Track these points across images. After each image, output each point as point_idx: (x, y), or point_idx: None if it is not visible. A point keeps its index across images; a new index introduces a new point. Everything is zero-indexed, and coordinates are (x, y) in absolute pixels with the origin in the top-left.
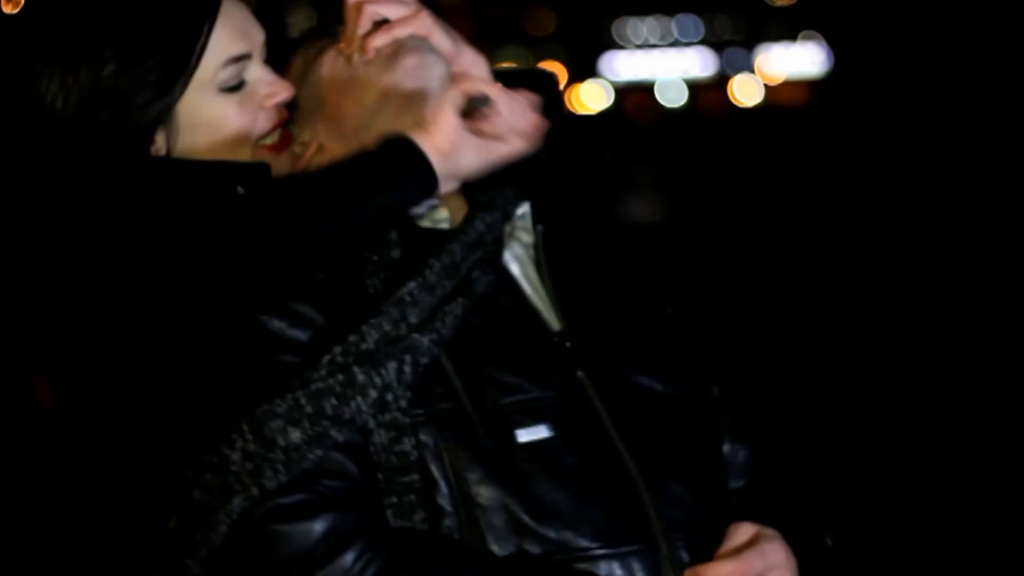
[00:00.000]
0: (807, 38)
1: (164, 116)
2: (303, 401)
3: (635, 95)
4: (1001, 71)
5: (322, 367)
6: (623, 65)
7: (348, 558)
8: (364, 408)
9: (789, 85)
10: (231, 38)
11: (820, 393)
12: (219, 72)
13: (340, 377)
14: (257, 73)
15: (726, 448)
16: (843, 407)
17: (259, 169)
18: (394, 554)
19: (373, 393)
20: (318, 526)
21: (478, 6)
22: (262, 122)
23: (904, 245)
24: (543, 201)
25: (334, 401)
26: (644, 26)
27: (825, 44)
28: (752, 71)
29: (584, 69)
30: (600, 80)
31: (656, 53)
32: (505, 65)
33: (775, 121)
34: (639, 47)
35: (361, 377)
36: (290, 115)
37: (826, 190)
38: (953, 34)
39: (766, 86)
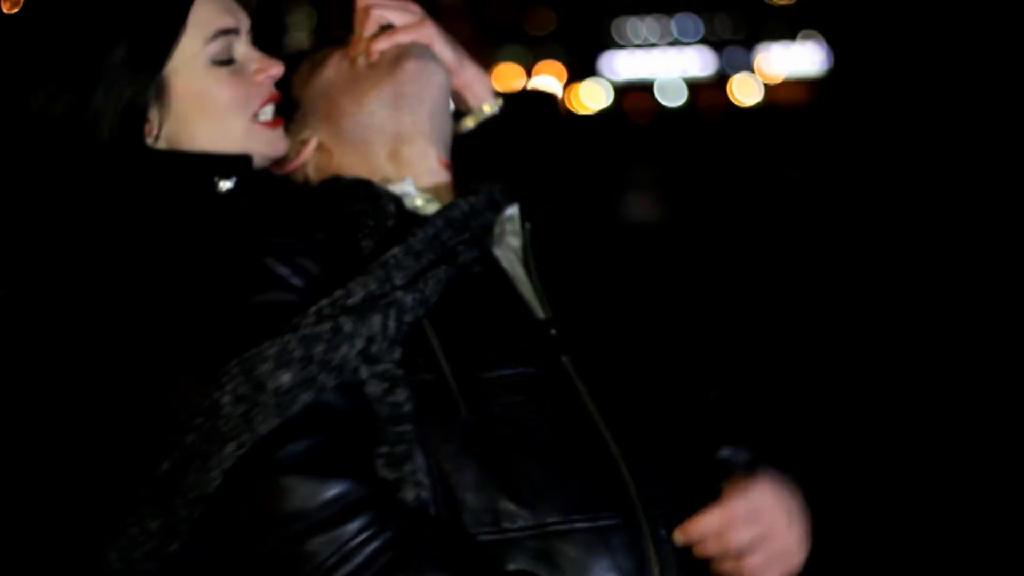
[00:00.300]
0: (807, 37)
1: (155, 92)
2: (292, 344)
3: (635, 95)
4: (1001, 71)
5: (310, 315)
6: (623, 64)
7: (351, 528)
8: (351, 356)
9: (789, 84)
10: (217, 12)
11: (819, 394)
12: (207, 45)
13: (328, 325)
14: (245, 50)
15: (726, 451)
16: (842, 408)
17: (240, 161)
18: (399, 539)
19: (359, 342)
20: (329, 490)
21: (478, 6)
22: (254, 97)
23: (903, 245)
24: (532, 202)
25: (323, 346)
26: (644, 25)
27: (825, 43)
28: (752, 70)
29: (584, 68)
30: (600, 79)
31: (656, 52)
32: (505, 64)
33: (775, 121)
34: (639, 46)
35: (348, 326)
36: (290, 110)
37: (825, 190)
38: (953, 34)
39: (766, 85)
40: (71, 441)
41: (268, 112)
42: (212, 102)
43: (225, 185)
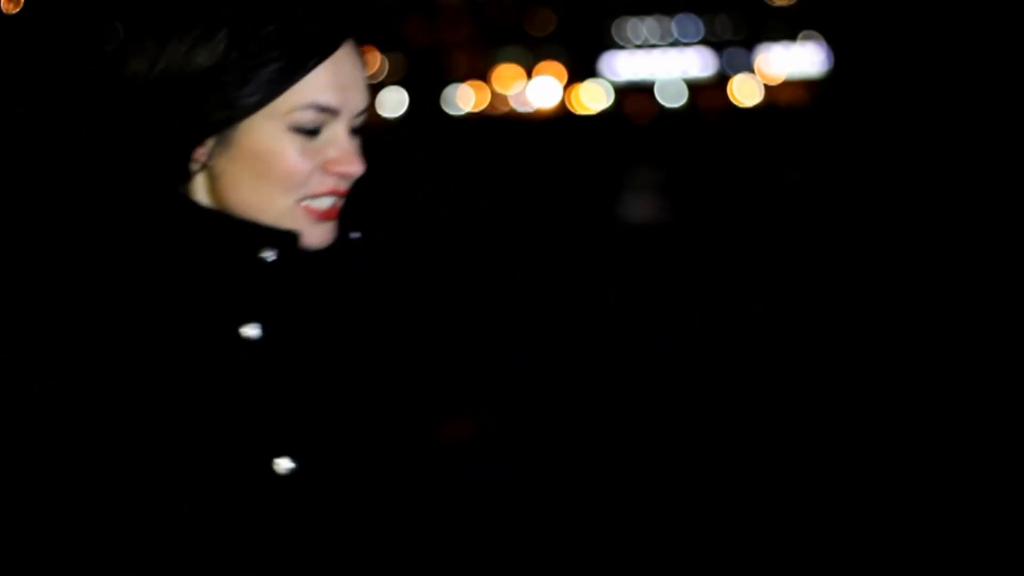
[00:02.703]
0: (807, 38)
1: (225, 125)
2: None
3: (635, 95)
4: (1001, 71)
5: None
6: (623, 65)
7: None
8: None
9: (789, 85)
10: (326, 86)
11: (822, 396)
12: (296, 112)
13: None
14: (336, 134)
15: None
16: (846, 412)
17: (288, 237)
18: None
19: None
20: None
21: (478, 6)
22: (315, 183)
23: (904, 245)
24: None
25: None
26: (644, 26)
27: (825, 44)
28: (752, 71)
29: (584, 69)
30: (600, 80)
31: (656, 53)
32: (505, 65)
33: (775, 121)
34: (639, 47)
35: None
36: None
37: (826, 190)
38: (953, 34)
39: (766, 86)
40: (69, 441)
41: (325, 202)
42: (269, 166)
43: (269, 256)
